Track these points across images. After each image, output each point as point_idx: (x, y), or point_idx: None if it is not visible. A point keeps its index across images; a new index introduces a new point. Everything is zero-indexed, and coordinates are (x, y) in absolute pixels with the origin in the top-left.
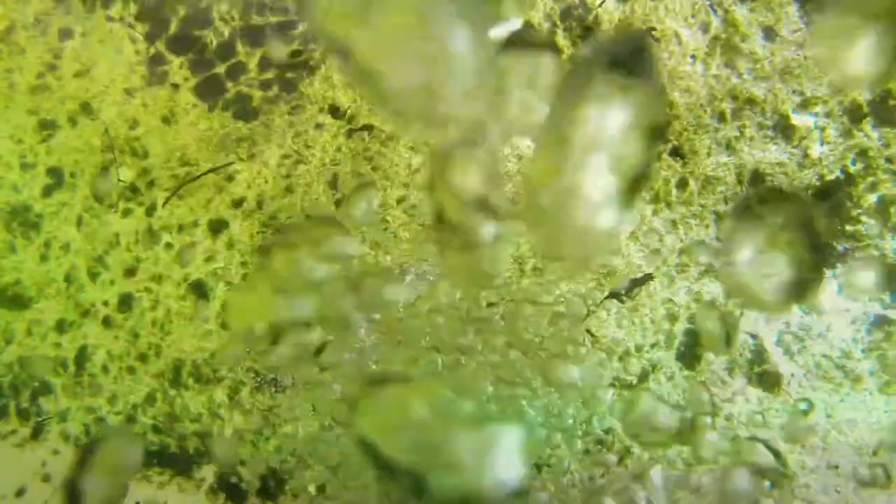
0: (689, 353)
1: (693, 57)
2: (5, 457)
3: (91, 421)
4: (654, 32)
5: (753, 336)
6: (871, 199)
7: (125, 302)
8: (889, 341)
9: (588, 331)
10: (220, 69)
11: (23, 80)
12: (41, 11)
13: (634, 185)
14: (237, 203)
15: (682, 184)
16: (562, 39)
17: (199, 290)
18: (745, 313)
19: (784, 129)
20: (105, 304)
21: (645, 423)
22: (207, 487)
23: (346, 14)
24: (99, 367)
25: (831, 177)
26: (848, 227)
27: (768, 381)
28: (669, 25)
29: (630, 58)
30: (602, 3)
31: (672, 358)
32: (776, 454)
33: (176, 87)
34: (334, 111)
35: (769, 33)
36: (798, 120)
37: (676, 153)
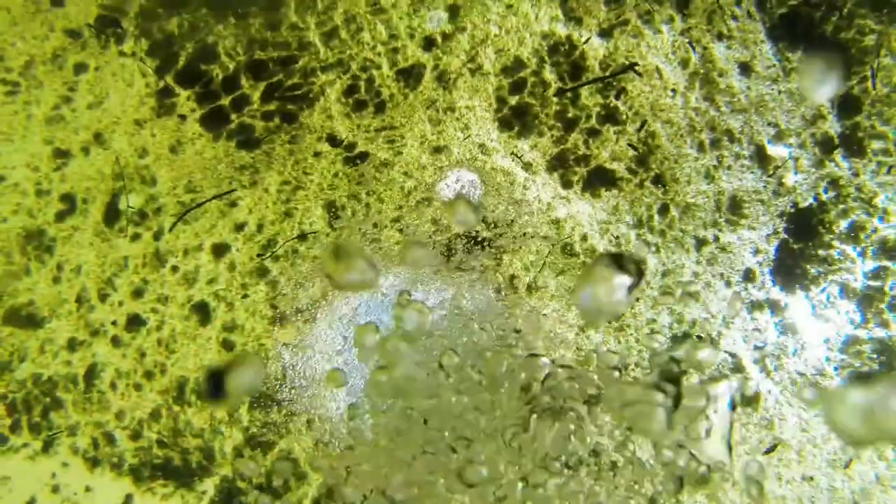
0: (671, 372)
1: (673, 91)
2: (18, 469)
3: (99, 435)
4: (636, 67)
5: (732, 355)
6: (843, 224)
7: (133, 322)
8: (860, 359)
9: (579, 348)
10: (225, 101)
11: (40, 111)
12: (58, 47)
13: None
14: (239, 227)
15: (664, 210)
16: (549, 74)
17: (202, 311)
18: (724, 333)
19: (760, 159)
20: (114, 324)
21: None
22: (209, 500)
23: None
24: (107, 384)
25: (805, 204)
26: (821, 252)
27: (746, 397)
28: (651, 61)
29: None
30: (587, 40)
31: (655, 378)
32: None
33: (183, 118)
34: (332, 140)
35: (745, 69)
36: (773, 150)
37: (658, 181)
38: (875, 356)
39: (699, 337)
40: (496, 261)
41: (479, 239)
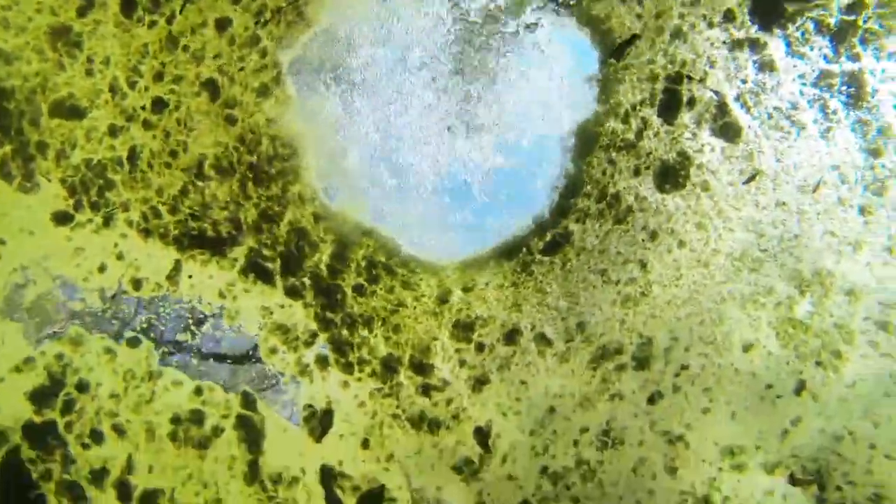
0: (668, 110)
1: None
2: (87, 241)
3: (147, 210)
4: None
5: (717, 93)
6: None
7: (157, 104)
8: (831, 91)
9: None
10: None
11: None
12: None
13: None
14: (237, 0)
15: None
16: None
17: (211, 87)
18: (709, 73)
19: None
20: (143, 108)
21: None
22: (239, 267)
23: None
24: (146, 164)
25: None
26: None
27: (730, 131)
28: None
29: None
30: None
31: (655, 114)
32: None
33: None
34: None
35: None
36: None
37: None
38: (845, 87)
39: (689, 76)
40: None
41: None
